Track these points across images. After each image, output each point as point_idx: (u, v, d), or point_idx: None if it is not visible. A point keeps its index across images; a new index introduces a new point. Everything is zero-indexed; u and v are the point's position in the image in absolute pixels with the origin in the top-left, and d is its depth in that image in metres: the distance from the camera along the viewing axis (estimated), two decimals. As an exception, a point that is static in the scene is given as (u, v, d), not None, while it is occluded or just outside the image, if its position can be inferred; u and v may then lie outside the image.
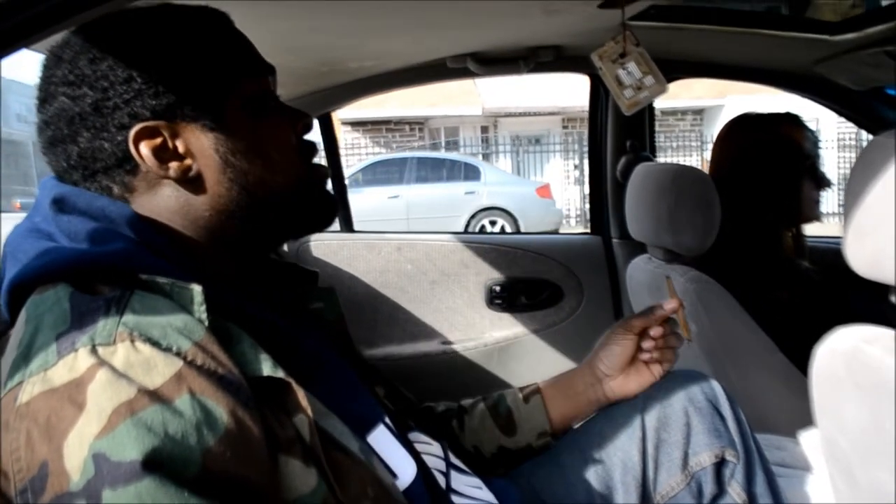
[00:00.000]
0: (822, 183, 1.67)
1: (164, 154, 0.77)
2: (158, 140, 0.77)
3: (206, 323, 0.67)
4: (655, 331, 1.10)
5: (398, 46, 1.77)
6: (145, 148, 0.76)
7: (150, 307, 0.65)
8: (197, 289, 0.69)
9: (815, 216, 1.69)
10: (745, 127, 1.71)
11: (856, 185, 0.80)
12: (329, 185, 0.94)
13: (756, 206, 1.64)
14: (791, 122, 1.67)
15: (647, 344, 1.10)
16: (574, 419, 1.15)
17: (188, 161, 0.78)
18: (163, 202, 0.79)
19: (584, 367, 1.15)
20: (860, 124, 2.08)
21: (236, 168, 0.80)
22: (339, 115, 13.62)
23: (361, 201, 10.08)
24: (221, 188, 0.80)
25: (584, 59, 1.64)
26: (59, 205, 0.76)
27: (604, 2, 1.36)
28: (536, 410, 1.14)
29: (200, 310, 0.68)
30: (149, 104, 0.76)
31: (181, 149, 0.78)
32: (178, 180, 0.78)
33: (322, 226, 0.92)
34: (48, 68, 0.79)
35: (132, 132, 0.76)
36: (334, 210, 0.92)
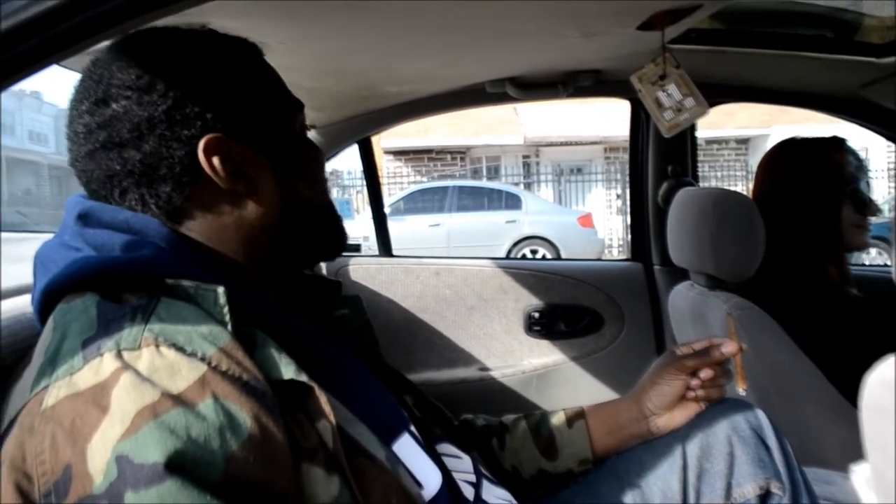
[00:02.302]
0: (866, 209, 1.62)
1: (231, 168, 0.79)
2: (225, 154, 0.79)
3: (229, 324, 0.68)
4: (706, 373, 1.05)
5: (436, 70, 1.78)
6: (217, 160, 0.78)
7: (176, 314, 0.66)
8: (220, 290, 0.70)
9: (859, 243, 1.64)
10: (784, 152, 1.69)
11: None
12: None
13: (795, 232, 1.60)
14: (832, 146, 1.64)
15: (695, 382, 1.06)
16: (615, 451, 1.11)
17: (252, 177, 0.81)
18: (220, 215, 0.81)
19: (631, 402, 1.11)
20: (909, 149, 2.02)
21: (288, 187, 0.84)
22: (382, 143, 13.79)
23: (403, 229, 10.15)
24: (275, 205, 0.83)
25: (624, 84, 1.63)
26: (84, 219, 0.77)
27: (642, 24, 1.35)
28: (579, 436, 1.11)
29: (223, 311, 0.69)
30: (219, 119, 0.79)
31: (244, 165, 0.81)
32: (242, 195, 0.81)
33: (332, 252, 0.96)
34: (108, 71, 0.78)
35: (202, 143, 0.77)
36: (344, 239, 0.95)
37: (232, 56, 0.84)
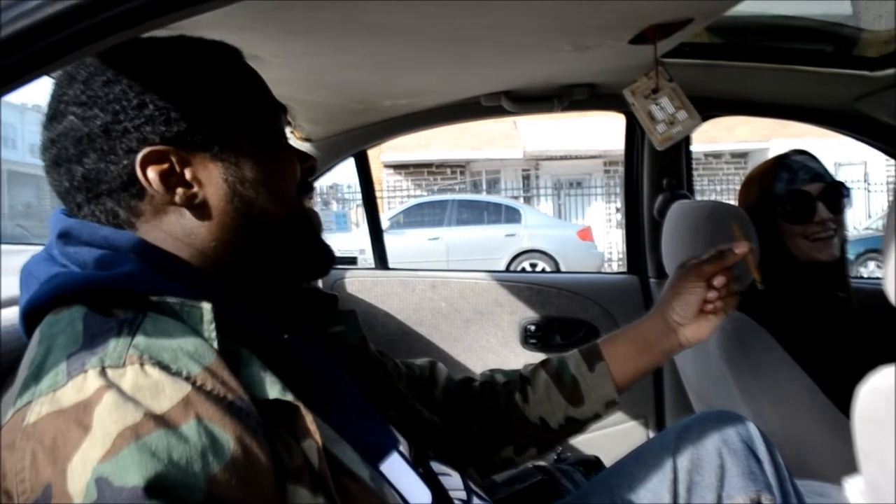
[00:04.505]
0: (802, 218, 1.61)
1: (171, 180, 0.77)
2: (166, 165, 0.76)
3: (216, 342, 0.67)
4: (719, 280, 1.09)
5: (431, 84, 1.79)
6: (152, 172, 0.76)
7: (163, 330, 0.65)
8: (206, 307, 0.69)
9: (810, 254, 1.62)
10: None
11: (894, 218, 0.78)
12: (323, 234, 0.94)
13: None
14: (769, 162, 1.69)
15: (711, 294, 1.10)
16: (646, 372, 1.14)
17: (195, 188, 0.78)
18: (168, 228, 0.78)
19: (655, 317, 1.13)
20: (904, 162, 2.03)
21: (243, 197, 0.80)
22: (382, 157, 13.82)
23: (402, 243, 10.17)
24: (227, 217, 0.80)
25: (619, 98, 1.63)
26: (65, 238, 0.76)
27: (635, 37, 1.36)
28: (602, 379, 1.12)
29: (210, 328, 0.68)
30: (159, 130, 0.76)
31: (189, 176, 0.78)
32: (183, 206, 0.78)
33: (316, 271, 0.92)
34: (60, 87, 0.79)
35: (139, 156, 0.75)
36: (329, 257, 0.91)
37: (179, 62, 0.80)
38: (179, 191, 0.77)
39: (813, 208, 1.60)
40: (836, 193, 1.62)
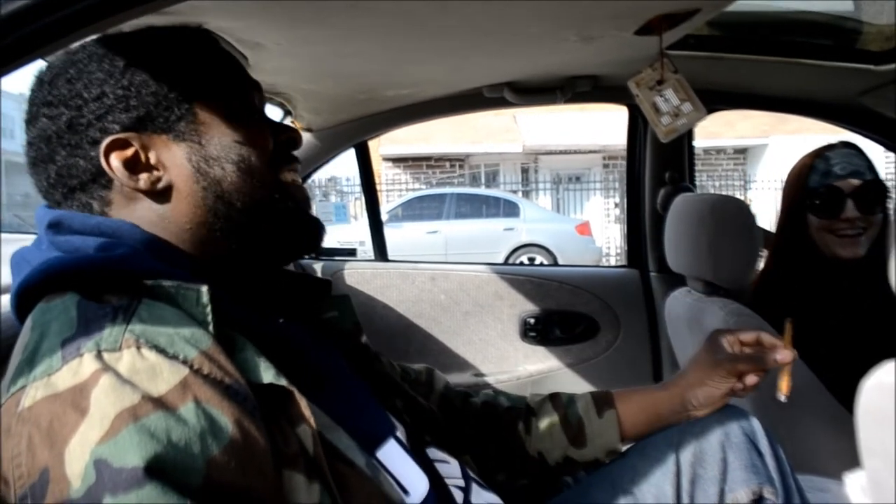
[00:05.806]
0: (829, 213, 1.59)
1: (135, 166, 0.78)
2: (129, 152, 0.77)
3: (212, 324, 0.67)
4: (751, 378, 1.05)
5: (434, 74, 1.78)
6: (115, 160, 0.77)
7: (158, 316, 0.65)
8: (203, 289, 0.69)
9: (835, 251, 1.60)
10: None
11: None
12: (313, 209, 0.93)
13: (780, 241, 1.62)
14: (807, 155, 1.66)
15: (739, 387, 1.06)
16: (647, 435, 1.10)
17: (158, 172, 0.79)
18: (142, 214, 0.79)
19: (673, 395, 1.10)
20: (907, 157, 2.03)
21: (209, 176, 0.80)
22: (381, 150, 13.80)
23: (401, 236, 10.15)
24: (196, 198, 0.80)
25: (622, 90, 1.62)
26: (56, 228, 0.77)
27: (640, 28, 1.35)
28: (610, 427, 1.10)
29: (206, 311, 0.68)
30: (119, 118, 0.77)
31: (153, 160, 0.79)
32: (149, 192, 0.79)
33: (307, 246, 0.91)
34: (33, 91, 0.81)
35: (103, 146, 0.77)
36: (317, 231, 0.90)
37: (136, 50, 0.80)
38: (143, 176, 0.78)
39: (841, 205, 1.57)
40: (871, 192, 1.58)
